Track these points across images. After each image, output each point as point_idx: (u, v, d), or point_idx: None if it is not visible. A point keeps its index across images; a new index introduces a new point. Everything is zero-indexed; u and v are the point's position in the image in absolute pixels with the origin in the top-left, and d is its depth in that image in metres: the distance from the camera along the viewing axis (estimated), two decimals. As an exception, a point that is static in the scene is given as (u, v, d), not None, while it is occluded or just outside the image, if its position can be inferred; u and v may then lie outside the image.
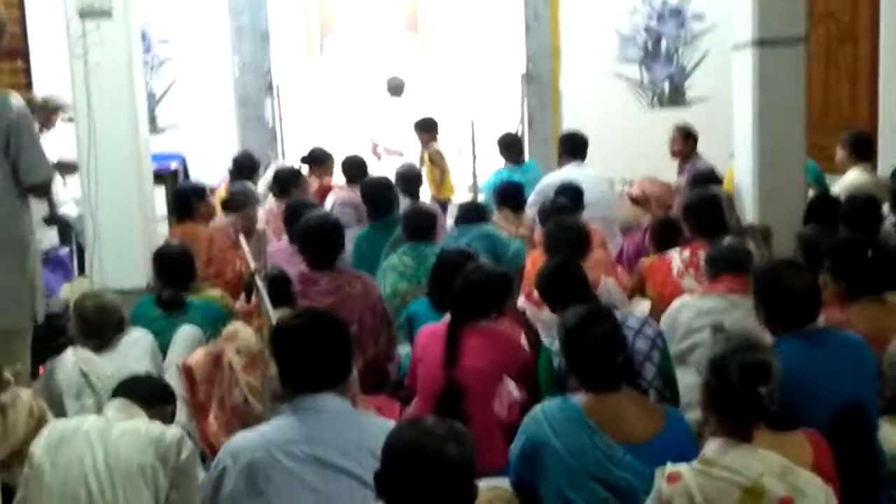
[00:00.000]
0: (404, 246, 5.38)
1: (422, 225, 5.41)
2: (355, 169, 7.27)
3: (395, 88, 10.13)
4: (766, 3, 5.84)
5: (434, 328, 4.07)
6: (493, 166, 8.14)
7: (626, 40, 8.82)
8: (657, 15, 8.82)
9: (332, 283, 4.66)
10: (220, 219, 6.18)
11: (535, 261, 5.16)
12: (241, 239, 4.30)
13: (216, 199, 6.47)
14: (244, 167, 7.44)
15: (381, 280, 5.27)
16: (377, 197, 6.09)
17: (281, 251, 5.51)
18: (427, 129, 8.48)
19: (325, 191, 7.36)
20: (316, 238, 4.75)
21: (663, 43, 8.85)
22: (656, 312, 4.53)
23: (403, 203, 6.27)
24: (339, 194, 6.87)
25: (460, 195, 9.04)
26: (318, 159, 7.87)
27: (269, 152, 9.04)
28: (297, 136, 10.64)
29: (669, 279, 4.75)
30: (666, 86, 8.89)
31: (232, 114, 8.95)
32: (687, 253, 4.76)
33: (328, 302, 4.48)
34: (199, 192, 5.90)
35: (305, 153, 7.95)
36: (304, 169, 7.60)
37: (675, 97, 8.87)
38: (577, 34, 8.81)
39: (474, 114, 10.68)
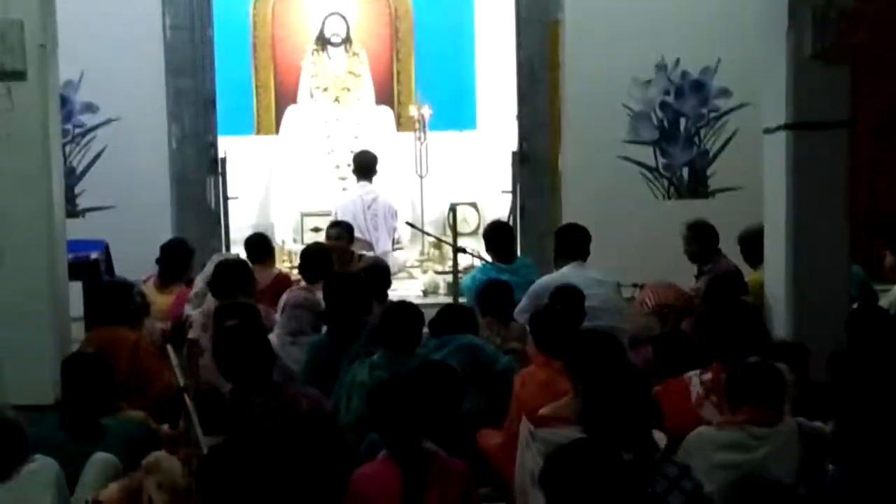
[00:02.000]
0: (378, 355, 5.34)
1: (407, 330, 5.34)
2: (316, 264, 7.22)
3: (364, 168, 10.25)
4: (803, 79, 5.94)
5: (374, 476, 4.02)
6: (476, 262, 8.16)
7: (638, 118, 8.95)
8: (675, 89, 8.97)
9: (271, 403, 4.63)
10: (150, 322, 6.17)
11: (525, 380, 5.15)
12: (170, 349, 4.29)
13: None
14: (176, 257, 7.45)
15: (342, 401, 5.24)
16: (346, 298, 6.04)
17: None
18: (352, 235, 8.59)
19: (279, 287, 7.32)
20: (236, 355, 4.72)
21: (682, 122, 8.98)
22: (672, 447, 4.49)
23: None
24: (292, 294, 6.82)
25: (439, 296, 9.08)
26: (255, 249, 7.95)
27: (211, 240, 9.05)
28: (245, 221, 10.71)
29: (687, 406, 4.74)
30: (685, 173, 8.99)
31: (166, 193, 8.98)
32: (708, 376, 4.75)
33: (268, 426, 4.44)
34: (124, 290, 5.89)
35: (248, 243, 8.04)
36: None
37: (696, 187, 8.97)
38: (581, 108, 8.91)
39: (456, 198, 10.80)
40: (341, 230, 8.46)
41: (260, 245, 8.09)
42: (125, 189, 8.82)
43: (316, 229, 10.86)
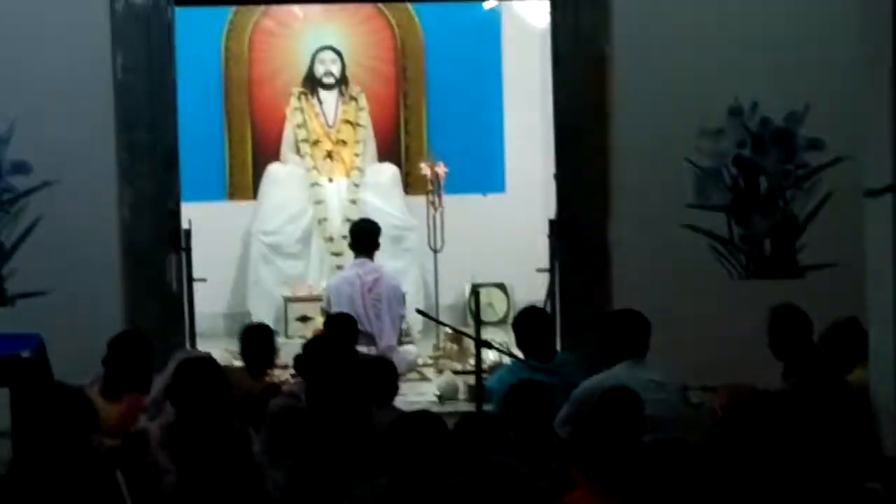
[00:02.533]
0: (385, 481, 5.29)
1: (424, 448, 5.24)
2: (311, 359, 7.23)
3: (364, 240, 10.28)
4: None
5: None
6: (505, 360, 8.14)
7: (706, 177, 8.95)
8: (753, 139, 8.97)
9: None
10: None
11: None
12: (119, 474, 4.27)
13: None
14: (128, 355, 7.42)
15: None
16: (334, 404, 6.04)
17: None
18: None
19: (269, 393, 7.33)
20: (208, 483, 4.67)
21: (762, 182, 8.98)
22: None
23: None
24: (274, 402, 6.83)
25: (458, 403, 9.04)
26: (255, 348, 7.97)
27: (173, 334, 9.03)
28: (215, 308, 10.70)
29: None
30: (767, 245, 8.98)
31: (116, 275, 8.99)
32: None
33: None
34: (69, 398, 5.86)
35: (242, 338, 8.05)
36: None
37: (782, 262, 8.95)
38: (635, 165, 8.95)
39: (479, 278, 10.78)
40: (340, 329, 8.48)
41: (263, 344, 8.11)
42: (65, 270, 8.82)
43: (304, 318, 10.89)
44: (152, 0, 8.92)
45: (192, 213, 9.68)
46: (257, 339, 8.18)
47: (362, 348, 8.74)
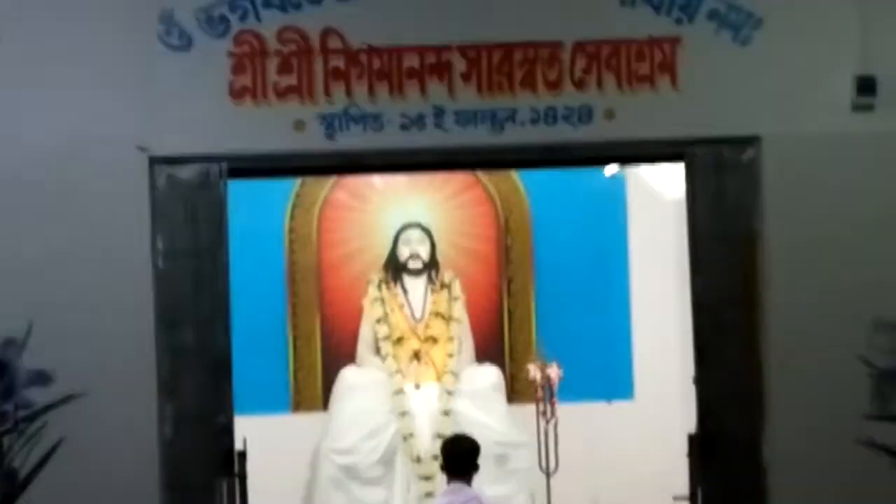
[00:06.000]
0: None
1: None
2: None
3: (459, 462, 10.21)
4: None
5: None
6: None
7: (885, 379, 8.76)
8: None
9: None
10: None
11: None
12: None
13: None
14: None
15: None
16: None
17: None
18: None
19: None
20: None
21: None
22: None
23: None
24: None
25: None
26: None
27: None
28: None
29: None
30: None
31: (155, 508, 9.00)
32: None
33: None
34: None
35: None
36: None
37: None
38: (795, 367, 8.89)
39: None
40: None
41: None
42: (93, 503, 8.84)
43: (388, 559, 10.83)
44: (201, 173, 9.00)
45: (249, 430, 9.64)
46: None
47: None
